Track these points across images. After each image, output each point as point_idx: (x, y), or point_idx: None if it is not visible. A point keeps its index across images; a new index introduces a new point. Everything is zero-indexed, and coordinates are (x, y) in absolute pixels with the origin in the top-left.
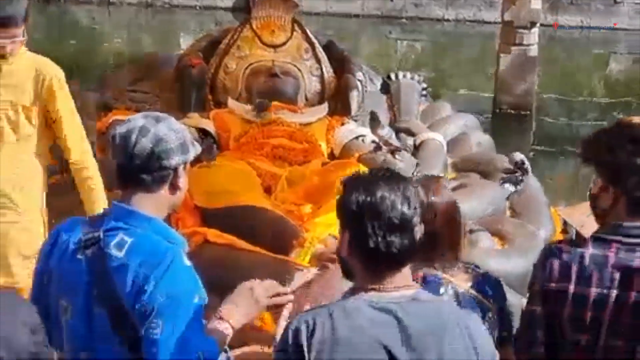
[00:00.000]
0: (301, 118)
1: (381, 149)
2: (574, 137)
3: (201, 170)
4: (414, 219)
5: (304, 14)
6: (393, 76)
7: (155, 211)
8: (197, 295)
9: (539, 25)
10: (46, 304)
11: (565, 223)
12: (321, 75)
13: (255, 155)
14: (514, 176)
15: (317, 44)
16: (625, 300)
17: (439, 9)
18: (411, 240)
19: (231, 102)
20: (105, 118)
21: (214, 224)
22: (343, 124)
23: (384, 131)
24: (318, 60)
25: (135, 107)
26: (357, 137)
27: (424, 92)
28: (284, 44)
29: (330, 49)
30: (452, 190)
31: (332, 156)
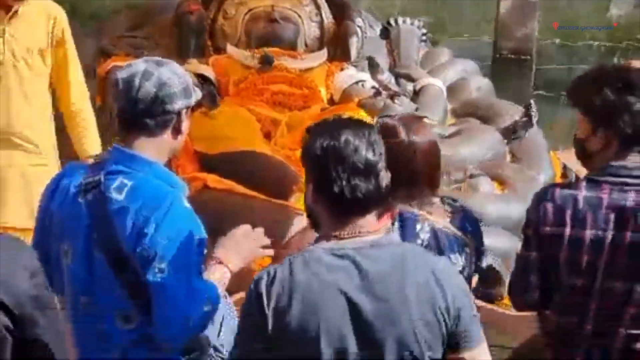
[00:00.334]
0: (301, 64)
1: (381, 94)
2: None
3: (201, 116)
4: (379, 164)
5: None
6: (393, 22)
7: (157, 155)
8: (199, 238)
9: None
10: (47, 248)
11: (564, 167)
12: (320, 21)
13: (255, 101)
14: (522, 121)
15: None
16: (620, 241)
17: None
18: (376, 186)
19: (230, 48)
20: (105, 64)
21: (214, 169)
22: (342, 70)
23: (383, 76)
24: (317, 6)
25: (135, 54)
26: (357, 83)
27: (424, 38)
28: None
29: None
30: (452, 135)
31: (332, 102)
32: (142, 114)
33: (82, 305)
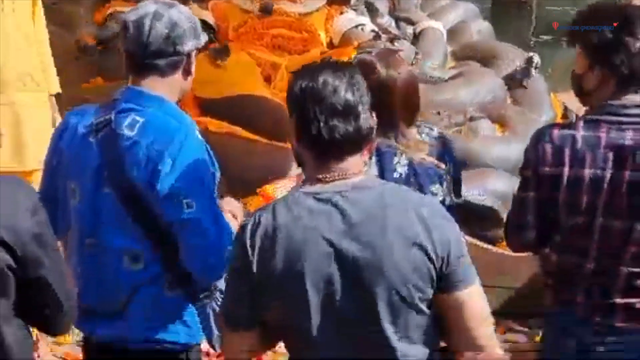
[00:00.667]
0: (300, 8)
1: (380, 37)
2: None
3: (202, 60)
4: (359, 106)
5: None
6: None
7: (168, 95)
8: (212, 172)
9: None
10: (55, 189)
11: (565, 108)
12: None
13: (255, 45)
14: (522, 69)
15: None
16: (619, 180)
17: None
18: (356, 128)
19: None
20: (104, 9)
21: (215, 113)
22: (342, 13)
23: (383, 20)
24: None
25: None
26: (357, 26)
27: None
28: None
29: None
30: (452, 78)
31: (332, 45)
32: (154, 55)
33: (88, 247)
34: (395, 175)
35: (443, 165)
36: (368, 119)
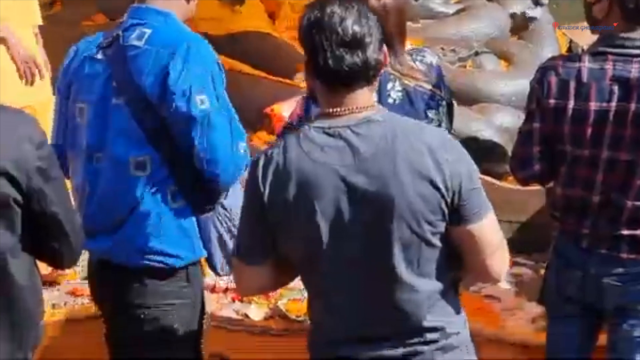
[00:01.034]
0: None
1: None
2: None
3: None
4: (367, 38)
5: None
6: None
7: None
8: (223, 76)
9: None
10: (66, 119)
11: (570, 42)
12: None
13: None
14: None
15: None
16: (625, 112)
17: None
18: (363, 60)
19: None
20: None
21: (218, 50)
22: None
23: None
24: None
25: None
26: None
27: None
28: None
29: None
30: (457, 13)
31: None
32: None
33: (96, 161)
34: (390, 100)
35: (439, 92)
36: (376, 52)
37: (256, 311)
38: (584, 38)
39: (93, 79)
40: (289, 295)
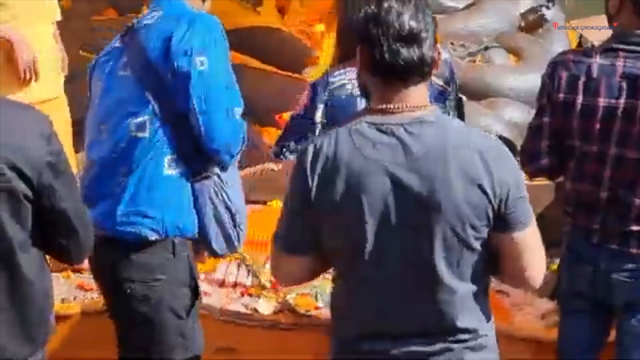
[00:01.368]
0: None
1: None
2: None
3: None
4: (423, 34)
5: None
6: None
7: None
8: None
9: None
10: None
11: (580, 37)
12: None
13: None
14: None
15: None
16: (633, 109)
17: None
18: (420, 56)
19: None
20: None
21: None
22: None
23: None
24: None
25: None
26: None
27: None
28: None
29: None
30: (466, 7)
31: None
32: None
33: (101, 132)
34: None
35: (449, 88)
36: (432, 49)
37: (265, 305)
38: (593, 34)
39: (108, 60)
40: (298, 289)
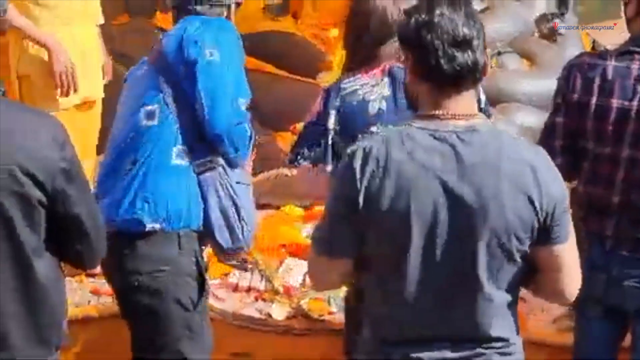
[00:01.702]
0: None
1: None
2: None
3: None
4: (475, 41)
5: None
6: None
7: None
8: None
9: None
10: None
11: (594, 42)
12: None
13: None
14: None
15: None
16: None
17: None
18: (474, 61)
19: None
20: None
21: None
22: None
23: None
24: None
25: None
26: None
27: None
28: None
29: None
30: (480, 12)
31: None
32: (195, 0)
33: (118, 128)
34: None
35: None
36: (483, 54)
37: (279, 310)
38: (607, 38)
39: (138, 69)
40: (312, 294)
